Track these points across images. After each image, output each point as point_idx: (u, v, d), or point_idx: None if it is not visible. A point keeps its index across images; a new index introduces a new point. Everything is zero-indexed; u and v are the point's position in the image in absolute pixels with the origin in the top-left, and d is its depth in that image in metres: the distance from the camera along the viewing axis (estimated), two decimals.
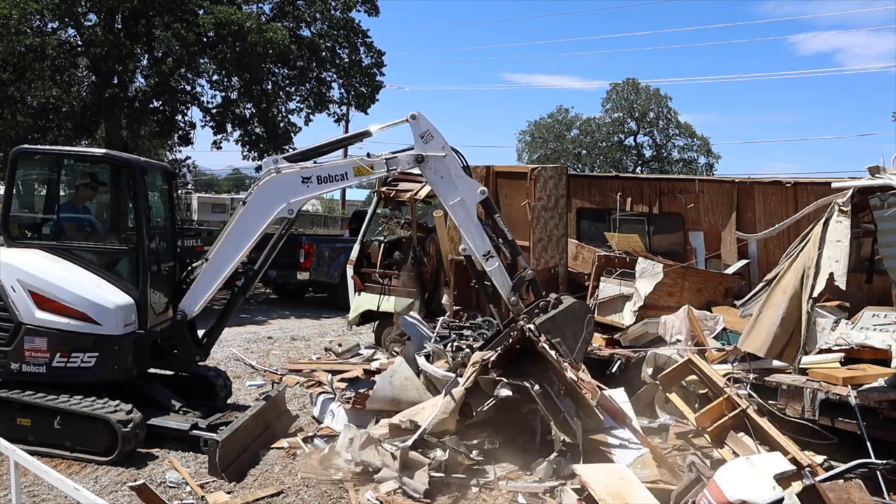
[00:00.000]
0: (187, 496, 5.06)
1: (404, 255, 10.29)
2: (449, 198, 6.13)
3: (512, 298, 6.14)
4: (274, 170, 6.09)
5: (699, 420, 5.75)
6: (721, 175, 25.72)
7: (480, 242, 6.12)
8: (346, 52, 19.51)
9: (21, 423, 5.72)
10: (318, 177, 6.09)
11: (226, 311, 6.69)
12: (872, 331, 6.46)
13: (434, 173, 6.11)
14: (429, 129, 6.08)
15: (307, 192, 6.17)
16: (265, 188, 6.11)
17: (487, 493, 5.22)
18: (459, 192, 6.10)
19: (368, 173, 6.17)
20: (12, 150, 6.67)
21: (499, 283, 6.19)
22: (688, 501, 4.60)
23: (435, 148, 6.07)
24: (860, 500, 3.88)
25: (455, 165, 6.12)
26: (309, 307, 15.12)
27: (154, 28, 16.76)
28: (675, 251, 9.58)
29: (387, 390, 6.33)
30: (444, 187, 6.14)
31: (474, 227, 6.13)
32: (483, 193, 6.15)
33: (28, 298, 5.80)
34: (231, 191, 59.46)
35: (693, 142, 46.32)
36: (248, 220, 6.15)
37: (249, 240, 6.17)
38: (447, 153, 6.08)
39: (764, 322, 6.02)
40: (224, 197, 43.06)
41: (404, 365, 6.56)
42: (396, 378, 6.40)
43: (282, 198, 6.08)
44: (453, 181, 6.10)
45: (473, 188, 6.14)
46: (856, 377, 5.77)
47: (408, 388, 6.33)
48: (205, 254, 6.40)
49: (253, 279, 6.70)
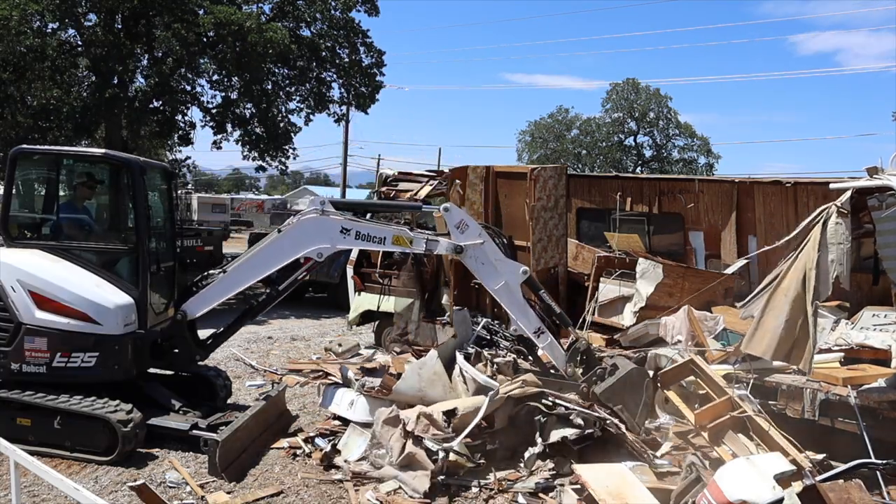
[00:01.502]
0: (187, 496, 5.06)
1: (404, 256, 10.28)
2: (492, 283, 6.24)
3: (568, 370, 6.25)
4: (320, 210, 6.14)
5: (698, 417, 5.75)
6: (721, 175, 25.73)
7: (528, 322, 6.27)
8: (346, 52, 19.51)
9: (21, 423, 5.72)
10: (357, 232, 6.14)
11: (238, 321, 6.73)
12: (872, 331, 6.47)
13: (475, 261, 6.22)
14: (463, 218, 6.24)
15: (342, 244, 6.25)
16: (305, 224, 6.15)
17: (487, 492, 5.22)
18: (502, 276, 6.21)
19: (406, 245, 6.23)
20: (12, 149, 6.67)
21: (553, 357, 6.37)
22: (688, 501, 4.60)
23: (471, 236, 6.19)
24: (860, 500, 3.89)
25: (493, 251, 6.23)
26: (309, 307, 15.11)
27: (154, 28, 16.75)
28: (675, 251, 9.58)
29: (414, 381, 6.19)
30: (485, 273, 6.25)
31: (519, 308, 6.27)
32: (525, 274, 6.25)
33: (28, 298, 5.80)
34: (231, 191, 59.52)
35: (693, 142, 46.33)
36: (277, 249, 6.20)
37: (272, 267, 6.25)
38: (484, 240, 6.18)
39: (767, 325, 6.01)
40: (224, 197, 43.10)
41: (436, 359, 6.42)
42: (426, 371, 6.25)
43: (317, 239, 6.14)
44: (494, 266, 6.21)
45: (515, 270, 6.24)
46: (856, 377, 5.78)
47: (435, 384, 6.21)
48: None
49: (274, 299, 6.73)
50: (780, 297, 6.00)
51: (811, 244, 5.91)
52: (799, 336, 5.88)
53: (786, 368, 6.22)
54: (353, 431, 6.07)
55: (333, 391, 6.69)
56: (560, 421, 5.68)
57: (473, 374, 6.25)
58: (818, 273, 5.77)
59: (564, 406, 5.76)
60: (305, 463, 5.81)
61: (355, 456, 5.77)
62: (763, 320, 6.06)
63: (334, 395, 6.63)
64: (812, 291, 5.76)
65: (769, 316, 6.03)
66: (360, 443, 5.92)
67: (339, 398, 6.55)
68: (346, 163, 43.68)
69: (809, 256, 5.88)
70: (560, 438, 5.53)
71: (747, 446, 5.37)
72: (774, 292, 6.09)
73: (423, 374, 6.23)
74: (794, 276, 5.99)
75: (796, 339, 5.88)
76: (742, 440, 5.44)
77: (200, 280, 6.44)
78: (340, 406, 6.47)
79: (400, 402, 6.07)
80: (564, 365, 6.26)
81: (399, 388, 6.17)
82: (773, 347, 5.90)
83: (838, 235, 5.77)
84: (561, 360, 6.29)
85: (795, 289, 5.90)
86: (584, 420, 5.63)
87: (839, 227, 5.81)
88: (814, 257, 5.83)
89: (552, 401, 5.83)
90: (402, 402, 6.08)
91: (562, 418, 5.68)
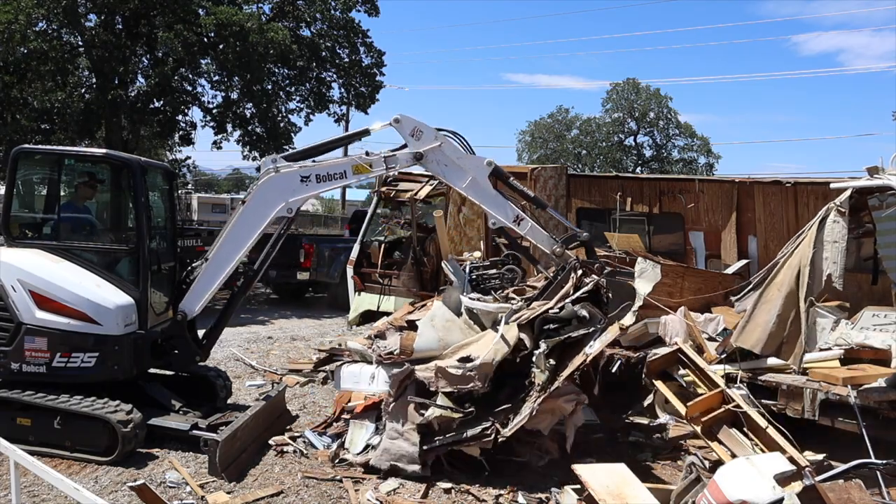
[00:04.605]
0: (187, 496, 5.06)
1: (404, 255, 10.30)
2: (459, 182, 6.11)
3: (556, 249, 6.04)
4: (273, 169, 6.08)
5: (690, 409, 5.76)
6: (721, 175, 25.75)
7: (505, 211, 6.09)
8: (346, 52, 19.53)
9: (21, 423, 5.71)
10: (316, 175, 6.08)
11: (225, 312, 6.67)
12: (872, 331, 6.46)
13: (437, 165, 6.11)
14: (416, 125, 6.08)
15: (306, 192, 6.16)
16: (264, 187, 6.10)
17: (487, 492, 5.23)
18: (468, 173, 6.07)
19: (367, 171, 6.16)
20: (13, 149, 6.67)
21: (538, 240, 6.13)
22: (688, 501, 4.60)
23: (428, 141, 6.05)
24: (860, 500, 3.88)
25: (453, 150, 6.09)
26: (309, 307, 15.12)
27: (155, 29, 16.76)
28: (675, 251, 9.58)
29: (430, 334, 6.07)
30: (451, 174, 6.13)
31: (493, 200, 6.10)
32: (490, 165, 6.10)
33: (28, 298, 5.80)
34: (231, 191, 59.49)
35: (693, 142, 46.31)
36: (247, 220, 6.14)
37: (249, 239, 6.16)
38: (441, 141, 6.06)
39: (759, 319, 6.03)
40: (224, 197, 43.09)
41: (443, 308, 6.34)
42: (438, 321, 6.15)
43: (280, 197, 6.07)
44: (457, 165, 6.09)
45: (479, 163, 6.09)
46: (856, 377, 5.77)
47: (451, 330, 6.09)
48: (205, 254, 6.39)
49: (252, 279, 6.69)
50: (774, 292, 6.03)
51: (807, 240, 5.94)
52: (790, 331, 5.90)
53: (785, 368, 6.23)
54: (354, 426, 6.05)
55: (349, 370, 6.45)
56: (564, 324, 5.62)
57: (482, 306, 6.18)
58: (812, 270, 5.80)
59: (570, 303, 5.63)
60: (300, 462, 5.81)
61: (359, 448, 5.77)
62: (755, 314, 6.08)
63: (351, 373, 6.38)
64: (805, 288, 5.78)
65: (762, 310, 6.05)
66: (362, 435, 5.92)
67: (357, 375, 6.33)
68: None
69: (805, 253, 5.90)
70: (564, 338, 5.48)
71: (742, 443, 5.37)
72: (768, 286, 6.11)
73: (437, 324, 6.14)
74: (788, 271, 6.02)
75: (787, 334, 5.91)
76: (737, 436, 5.43)
77: (186, 276, 6.42)
78: (361, 382, 6.28)
79: (422, 360, 5.90)
80: (550, 246, 6.07)
81: (419, 345, 6.05)
82: (763, 341, 5.93)
83: (834, 234, 5.79)
84: (546, 241, 6.10)
85: (789, 284, 5.93)
86: (588, 314, 5.55)
87: (836, 225, 5.83)
88: (809, 254, 5.85)
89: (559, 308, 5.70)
90: (425, 359, 5.93)
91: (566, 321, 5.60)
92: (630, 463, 5.19)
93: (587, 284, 5.76)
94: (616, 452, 6.19)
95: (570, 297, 5.71)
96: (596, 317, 5.61)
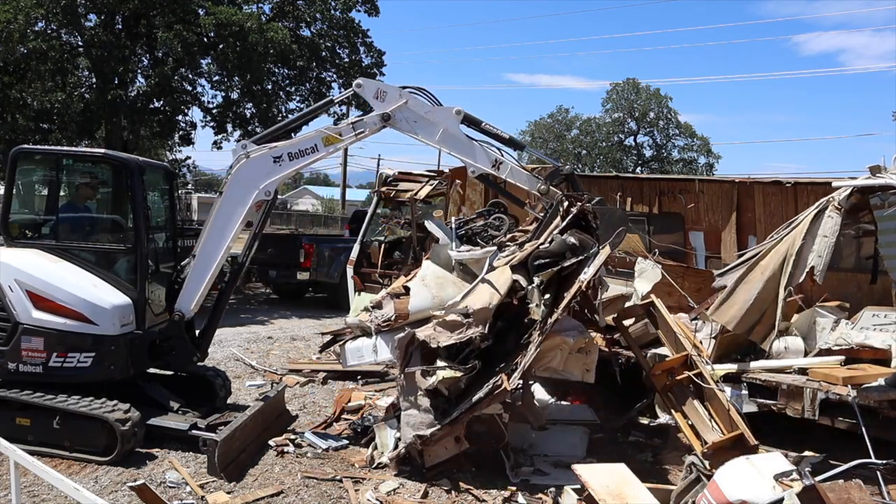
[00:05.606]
0: (187, 496, 5.05)
1: (404, 255, 10.29)
2: (432, 136, 6.03)
3: (541, 187, 5.98)
4: (244, 155, 6.00)
5: (655, 369, 5.82)
6: (721, 175, 25.77)
7: (483, 156, 6.03)
8: (346, 51, 19.52)
9: (21, 423, 5.71)
10: (288, 154, 6.00)
11: (216, 309, 6.64)
12: (872, 331, 6.46)
13: (406, 123, 6.02)
14: (378, 87, 6.05)
15: (281, 172, 6.06)
16: (238, 175, 6.03)
17: (487, 492, 5.22)
18: (438, 125, 6.00)
19: (337, 140, 6.07)
20: (12, 150, 6.67)
21: (521, 181, 6.06)
22: (688, 501, 4.60)
23: (393, 100, 5.98)
24: (860, 500, 3.88)
25: (419, 105, 6.02)
26: (309, 307, 15.11)
27: (155, 29, 16.75)
28: (675, 251, 9.56)
29: (424, 293, 6.00)
30: (422, 129, 6.05)
31: (468, 148, 6.04)
32: (459, 113, 6.03)
33: (25, 298, 5.79)
34: None
35: (693, 142, 46.38)
36: (226, 210, 6.08)
37: (232, 230, 6.09)
38: (406, 98, 5.99)
39: (738, 297, 6.10)
40: None
41: (432, 266, 6.26)
42: (429, 279, 6.08)
43: (256, 181, 6.01)
44: (426, 119, 6.02)
45: (449, 113, 6.01)
46: (856, 377, 5.77)
47: (445, 286, 6.02)
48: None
49: (238, 273, 6.68)
50: (758, 274, 6.11)
51: (798, 230, 5.98)
52: (766, 313, 5.99)
53: (786, 368, 6.22)
54: (379, 429, 6.04)
55: (352, 346, 6.38)
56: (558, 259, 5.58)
57: (470, 255, 6.13)
58: (798, 260, 5.85)
59: (558, 234, 5.60)
60: (300, 462, 5.80)
61: (390, 448, 5.77)
62: (736, 291, 6.17)
63: (354, 348, 6.33)
64: (787, 276, 5.83)
65: (742, 289, 6.13)
66: (389, 434, 5.93)
67: (360, 350, 6.29)
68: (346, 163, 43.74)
69: (794, 241, 5.95)
70: (557, 269, 5.44)
71: (698, 410, 5.44)
72: (753, 268, 6.17)
73: (429, 283, 6.08)
74: (775, 256, 6.09)
75: (763, 315, 5.99)
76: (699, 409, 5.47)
77: (177, 277, 6.39)
78: (365, 356, 6.23)
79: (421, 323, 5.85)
80: (534, 185, 6.00)
81: (413, 306, 5.99)
82: (737, 318, 6.03)
83: (827, 228, 5.84)
84: (528, 181, 6.03)
85: (773, 269, 6.01)
86: (579, 241, 5.50)
87: (830, 220, 5.87)
88: (798, 243, 5.90)
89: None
90: (422, 319, 5.89)
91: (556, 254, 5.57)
92: (630, 463, 5.19)
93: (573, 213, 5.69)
94: (616, 452, 6.19)
95: (559, 228, 5.65)
96: (587, 243, 5.55)
